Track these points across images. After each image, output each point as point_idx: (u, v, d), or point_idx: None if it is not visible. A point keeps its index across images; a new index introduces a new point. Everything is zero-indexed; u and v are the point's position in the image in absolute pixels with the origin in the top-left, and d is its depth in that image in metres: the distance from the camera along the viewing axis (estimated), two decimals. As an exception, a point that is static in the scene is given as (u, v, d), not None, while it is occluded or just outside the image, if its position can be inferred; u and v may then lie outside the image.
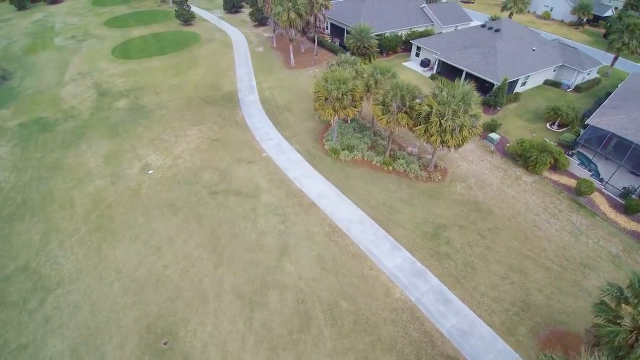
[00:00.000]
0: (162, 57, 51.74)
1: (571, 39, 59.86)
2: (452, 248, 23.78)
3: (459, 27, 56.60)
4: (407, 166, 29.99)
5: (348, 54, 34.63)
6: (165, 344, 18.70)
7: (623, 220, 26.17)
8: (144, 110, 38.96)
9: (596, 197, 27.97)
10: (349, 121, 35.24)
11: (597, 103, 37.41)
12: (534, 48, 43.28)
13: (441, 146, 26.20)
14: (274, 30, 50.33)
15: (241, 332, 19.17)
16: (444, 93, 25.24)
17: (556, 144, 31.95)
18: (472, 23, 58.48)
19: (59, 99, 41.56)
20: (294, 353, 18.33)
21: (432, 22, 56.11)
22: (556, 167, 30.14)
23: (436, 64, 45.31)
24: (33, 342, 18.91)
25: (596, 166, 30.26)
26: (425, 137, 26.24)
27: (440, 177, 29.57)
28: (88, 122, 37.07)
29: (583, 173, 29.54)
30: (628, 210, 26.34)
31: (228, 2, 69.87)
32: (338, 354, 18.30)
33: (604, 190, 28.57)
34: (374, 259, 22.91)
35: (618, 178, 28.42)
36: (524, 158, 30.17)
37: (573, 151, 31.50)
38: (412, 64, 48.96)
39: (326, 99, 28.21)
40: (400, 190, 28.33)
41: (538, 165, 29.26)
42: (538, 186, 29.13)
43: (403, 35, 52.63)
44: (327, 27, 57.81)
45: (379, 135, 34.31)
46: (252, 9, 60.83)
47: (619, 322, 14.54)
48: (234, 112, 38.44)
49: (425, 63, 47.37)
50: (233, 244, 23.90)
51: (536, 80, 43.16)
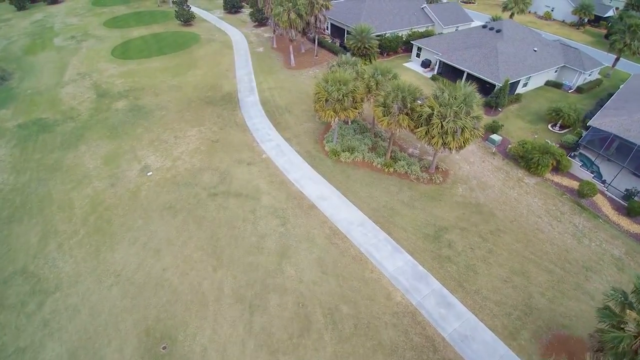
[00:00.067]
0: (162, 58, 51.58)
1: (572, 40, 59.68)
2: (454, 251, 23.60)
3: (460, 28, 56.46)
4: (408, 168, 29.81)
5: (348, 55, 34.43)
6: (164, 349, 18.52)
7: (626, 222, 25.98)
8: (144, 111, 38.78)
9: (598, 200, 27.78)
10: (350, 122, 35.10)
11: (599, 104, 37.28)
12: (536, 49, 43.05)
13: (442, 148, 26.04)
14: (274, 30, 50.11)
15: (241, 336, 18.99)
16: (446, 94, 25.04)
17: (558, 146, 31.74)
18: (473, 23, 58.35)
19: (58, 100, 41.39)
20: (294, 358, 18.14)
21: (433, 23, 55.96)
22: (558, 169, 29.96)
23: (437, 65, 45.13)
24: (31, 346, 18.74)
25: (598, 168, 30.05)
26: (426, 139, 26.06)
27: (441, 179, 29.38)
28: (87, 123, 36.89)
29: (585, 175, 29.34)
30: (631, 212, 26.15)
31: (228, 3, 69.75)
32: (339, 359, 18.13)
33: (607, 192, 28.38)
34: (375, 262, 22.72)
35: (620, 180, 28.23)
36: (526, 160, 29.98)
37: (575, 153, 31.29)
38: (413, 65, 48.78)
39: (326, 100, 28.00)
40: (401, 192, 28.15)
41: (540, 167, 29.08)
42: (540, 188, 28.94)
43: (404, 35, 52.47)
44: (328, 28, 57.67)
45: (380, 136, 34.11)
46: (252, 10, 60.73)
47: (623, 328, 14.39)
48: (234, 113, 38.27)
49: (426, 64, 47.17)
50: (233, 247, 23.73)
51: (537, 81, 42.97)
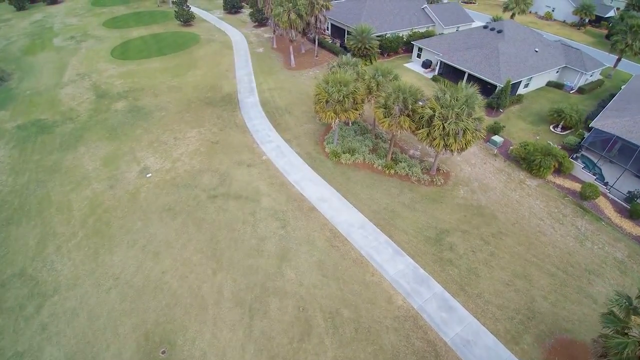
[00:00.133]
0: (162, 58, 51.39)
1: (573, 40, 59.45)
2: (456, 254, 23.40)
3: (461, 28, 56.24)
4: (409, 170, 29.60)
5: (349, 55, 34.22)
6: (163, 353, 18.33)
7: (628, 225, 25.78)
8: (143, 112, 38.59)
9: (601, 202, 27.56)
10: (350, 124, 34.91)
11: (601, 105, 37.11)
12: (537, 49, 42.85)
13: (444, 150, 25.86)
14: (274, 31, 49.91)
15: (241, 341, 18.80)
16: (447, 96, 24.84)
17: (560, 147, 31.54)
18: (474, 24, 58.15)
19: (58, 101, 41.20)
20: (295, 362, 17.98)
21: (434, 23, 55.75)
22: (560, 171, 29.74)
23: (438, 66, 44.92)
24: (29, 350, 18.57)
25: (601, 170, 29.88)
26: (427, 141, 25.88)
27: (442, 181, 29.17)
28: (86, 124, 36.70)
29: (587, 177, 29.12)
30: (633, 215, 25.96)
31: (228, 3, 69.57)
32: (339, 364, 17.96)
33: (609, 194, 28.17)
34: (376, 265, 22.53)
35: (623, 182, 28.04)
36: (528, 161, 29.78)
37: (577, 154, 31.09)
38: (414, 65, 48.57)
39: (327, 102, 27.81)
40: (402, 194, 27.96)
41: (542, 168, 28.87)
42: (542, 190, 28.74)
43: (404, 36, 52.26)
44: (328, 28, 57.47)
45: (381, 138, 33.89)
46: (252, 10, 60.54)
47: (627, 333, 14.21)
48: (234, 114, 38.07)
49: (426, 64, 46.97)
50: (232, 249, 23.54)
51: (539, 81, 42.75)
